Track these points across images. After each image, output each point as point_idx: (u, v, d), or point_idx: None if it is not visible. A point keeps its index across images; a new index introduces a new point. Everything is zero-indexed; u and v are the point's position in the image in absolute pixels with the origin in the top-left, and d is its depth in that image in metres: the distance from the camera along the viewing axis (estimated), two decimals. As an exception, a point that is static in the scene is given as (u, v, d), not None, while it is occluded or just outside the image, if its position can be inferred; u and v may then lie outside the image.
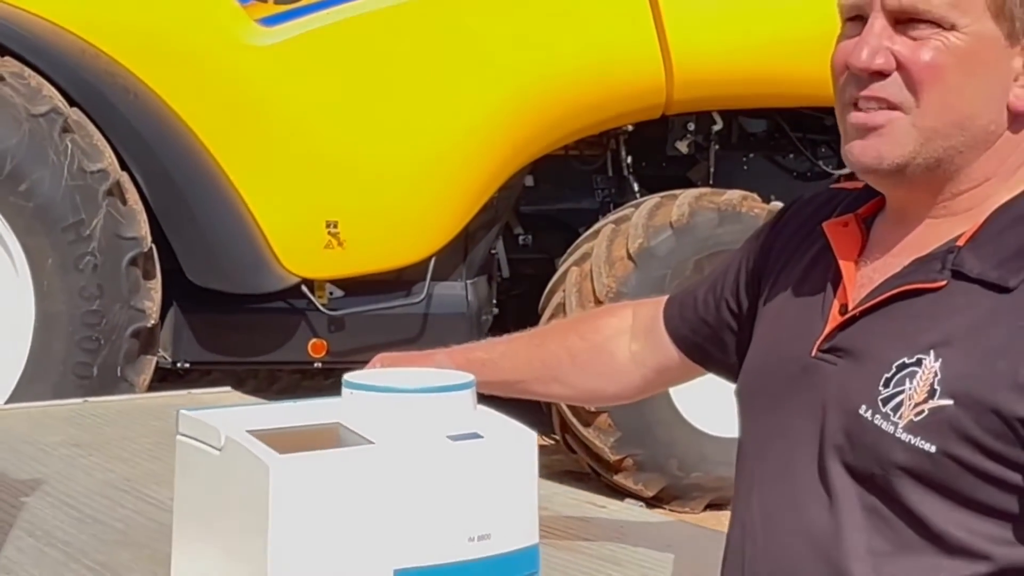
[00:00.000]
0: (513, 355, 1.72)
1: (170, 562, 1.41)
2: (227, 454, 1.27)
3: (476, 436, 1.28)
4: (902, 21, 1.07)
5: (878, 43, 1.07)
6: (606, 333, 1.67)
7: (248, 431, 1.25)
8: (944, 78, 1.08)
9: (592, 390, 1.74)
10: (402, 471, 1.24)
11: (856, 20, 1.11)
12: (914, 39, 1.06)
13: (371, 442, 1.25)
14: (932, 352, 1.06)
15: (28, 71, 4.19)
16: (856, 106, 1.12)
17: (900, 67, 1.08)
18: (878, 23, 1.08)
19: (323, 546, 1.23)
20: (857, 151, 1.12)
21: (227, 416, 1.36)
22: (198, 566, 1.36)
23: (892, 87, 1.08)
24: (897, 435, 1.07)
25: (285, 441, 1.22)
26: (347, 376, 1.35)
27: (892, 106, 1.09)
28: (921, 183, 1.13)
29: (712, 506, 4.79)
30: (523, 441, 1.33)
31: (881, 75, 1.09)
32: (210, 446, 1.30)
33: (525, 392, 1.73)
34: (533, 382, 1.71)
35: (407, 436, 1.26)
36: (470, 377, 1.36)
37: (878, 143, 1.10)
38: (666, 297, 1.63)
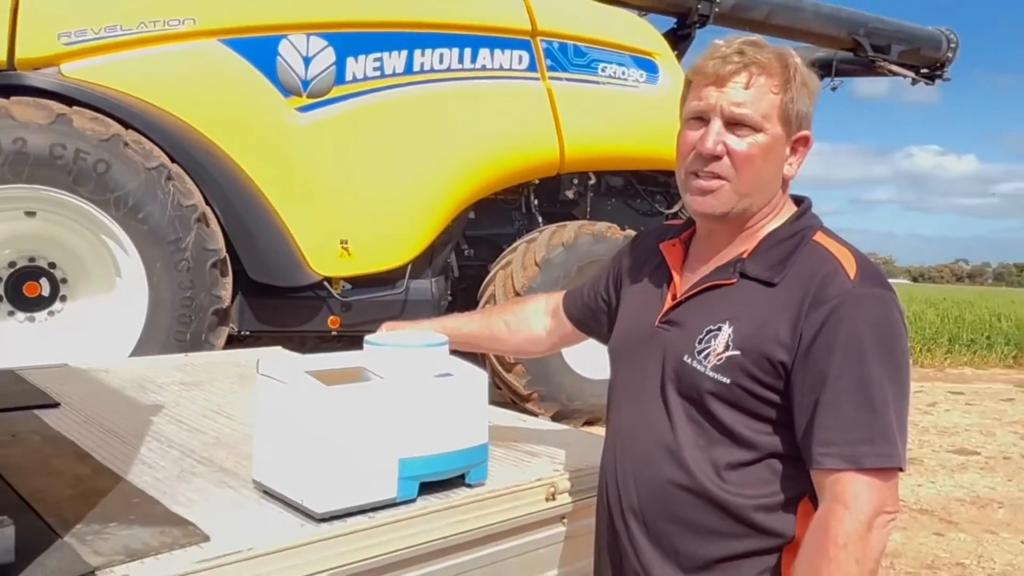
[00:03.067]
0: (469, 325, 1.91)
1: (252, 458, 1.58)
2: (291, 386, 1.43)
3: (449, 375, 1.49)
4: (731, 125, 1.27)
5: (717, 138, 1.27)
6: (527, 313, 1.86)
7: (305, 371, 1.41)
8: (754, 162, 1.28)
9: (517, 347, 1.95)
10: (403, 397, 1.43)
11: (698, 120, 1.31)
12: (738, 136, 1.27)
13: (382, 378, 1.45)
14: (727, 322, 1.29)
15: (144, 139, 4.68)
16: (698, 175, 1.31)
17: (729, 154, 1.28)
18: (717, 124, 1.27)
19: (353, 444, 1.39)
20: (697, 204, 1.33)
21: (291, 361, 1.55)
22: (270, 460, 1.50)
23: (723, 166, 1.28)
24: (707, 373, 1.29)
25: (328, 378, 1.39)
26: (367, 337, 1.56)
27: (721, 178, 1.29)
28: (729, 222, 1.35)
29: (587, 423, 5.70)
30: (478, 378, 1.55)
31: (716, 158, 1.28)
32: (279, 381, 1.45)
33: (476, 348, 1.89)
34: (482, 341, 1.89)
35: (406, 374, 1.46)
36: (444, 338, 1.56)
37: (712, 200, 1.31)
38: (564, 292, 1.84)
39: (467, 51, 5.71)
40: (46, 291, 4.66)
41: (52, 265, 4.66)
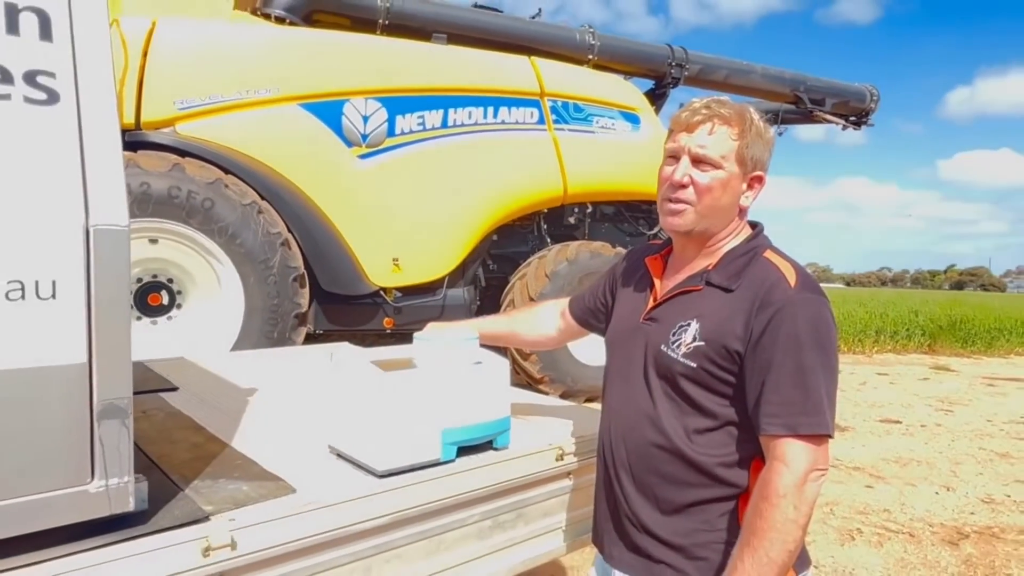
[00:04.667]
0: (494, 324, 1.88)
1: (327, 427, 1.59)
2: (358, 372, 1.46)
3: (479, 363, 1.54)
4: (696, 162, 1.29)
5: (684, 172, 1.29)
6: (540, 315, 1.85)
7: (368, 361, 1.46)
8: (713, 192, 1.29)
9: (532, 342, 1.88)
10: (444, 380, 1.46)
11: (673, 158, 1.33)
12: (702, 171, 1.29)
13: (428, 366, 1.47)
14: (695, 319, 1.29)
15: (240, 182, 4.68)
16: (670, 200, 1.33)
17: (693, 184, 1.29)
18: (685, 161, 1.30)
19: (406, 417, 1.41)
20: (668, 223, 1.35)
21: (357, 353, 1.63)
22: (341, 429, 1.52)
23: (688, 193, 1.30)
24: (678, 359, 1.30)
25: (386, 365, 1.43)
26: (415, 334, 1.57)
27: (687, 203, 1.31)
28: (695, 239, 1.36)
29: (588, 400, 5.65)
30: (502, 365, 1.58)
31: (684, 186, 1.30)
32: (349, 368, 1.49)
33: (500, 342, 1.85)
34: (505, 337, 1.85)
35: (446, 363, 1.48)
36: (475, 334, 1.57)
37: (679, 219, 1.33)
38: (569, 298, 1.80)
39: (490, 109, 5.75)
40: (165, 301, 4.69)
41: (170, 280, 4.70)
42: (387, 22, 5.64)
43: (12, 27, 1.02)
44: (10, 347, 0.98)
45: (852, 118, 8.81)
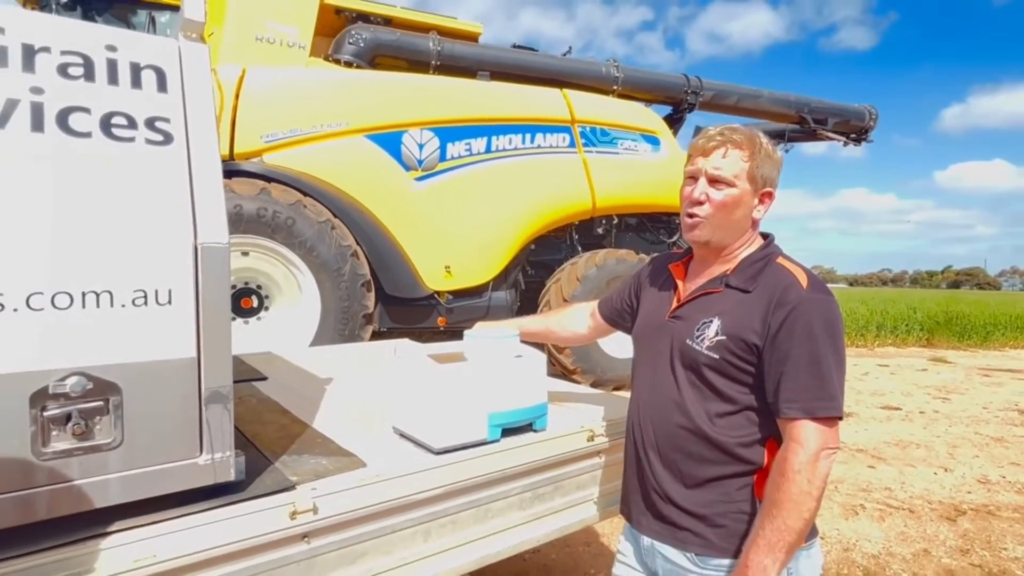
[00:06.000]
0: (533, 323, 1.86)
1: (391, 411, 1.59)
2: (417, 364, 1.47)
3: (520, 356, 1.53)
4: (712, 182, 1.29)
5: (702, 190, 1.29)
6: (573, 315, 1.83)
7: (426, 355, 1.48)
8: (727, 207, 1.29)
9: (566, 339, 1.84)
10: (492, 372, 1.47)
11: (692, 179, 1.33)
12: (717, 189, 1.29)
13: (477, 360, 1.47)
14: (717, 317, 1.28)
15: (316, 203, 4.67)
16: (690, 215, 1.32)
17: (709, 201, 1.29)
18: (703, 181, 1.30)
19: (458, 403, 1.41)
20: (689, 234, 1.34)
21: (416, 348, 1.57)
22: (403, 412, 1.52)
23: (705, 209, 1.30)
24: (702, 351, 1.28)
25: (441, 358, 1.45)
26: (465, 331, 1.55)
27: (704, 217, 1.30)
28: (714, 248, 1.34)
29: (616, 388, 5.57)
30: (540, 358, 1.56)
31: (701, 203, 1.30)
32: (410, 361, 1.49)
33: (538, 339, 1.83)
34: (543, 334, 1.84)
35: (494, 356, 1.48)
36: (516, 332, 1.56)
37: (698, 231, 1.32)
38: (598, 299, 1.78)
39: (527, 135, 5.72)
40: (255, 304, 4.71)
41: (259, 287, 4.69)
42: (438, 63, 5.67)
43: (136, 82, 1.08)
44: (137, 344, 1.03)
45: (853, 135, 8.52)
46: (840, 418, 1.18)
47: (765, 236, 1.39)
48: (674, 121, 7.13)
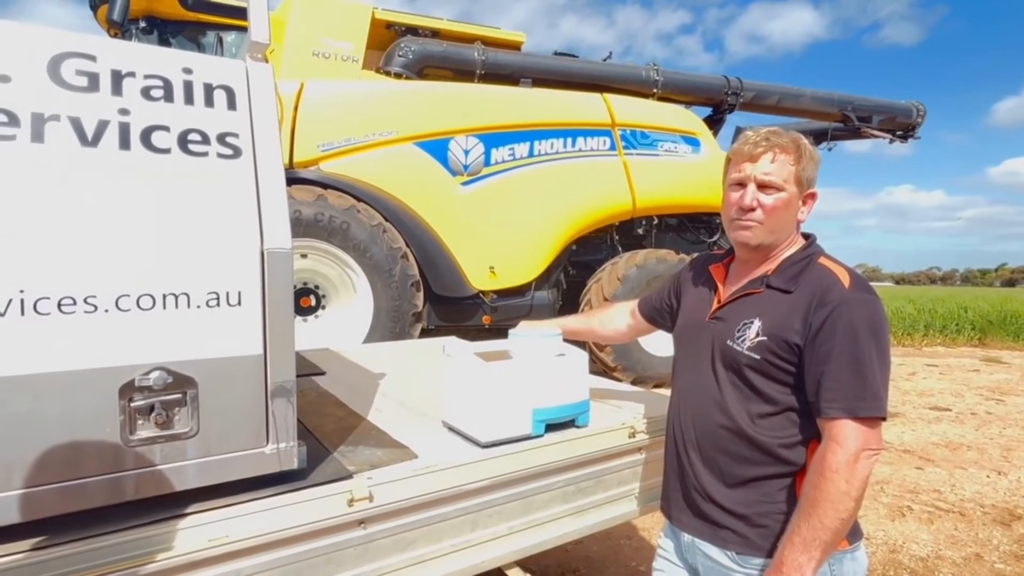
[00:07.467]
0: (575, 322, 1.85)
1: (441, 406, 1.59)
2: (465, 361, 1.47)
3: (563, 354, 1.53)
4: (761, 187, 1.27)
5: (752, 196, 1.27)
6: (613, 314, 1.81)
7: (473, 352, 1.47)
8: (778, 211, 1.27)
9: (607, 337, 1.82)
10: (536, 369, 1.46)
11: (739, 185, 1.30)
12: (767, 194, 1.27)
13: (521, 357, 1.47)
14: (757, 318, 1.26)
15: (369, 208, 4.74)
16: (740, 220, 1.30)
17: (760, 206, 1.27)
18: (752, 187, 1.27)
19: (503, 399, 1.42)
20: (742, 238, 1.31)
21: (463, 346, 1.56)
22: (452, 407, 1.53)
23: (756, 215, 1.28)
24: (744, 352, 1.26)
25: (488, 356, 1.45)
26: (510, 330, 1.56)
27: (756, 221, 1.28)
28: (761, 251, 1.32)
29: (656, 386, 5.57)
30: (582, 356, 1.55)
31: (752, 209, 1.28)
32: (458, 358, 1.50)
33: (580, 337, 1.82)
34: (584, 333, 1.83)
35: (538, 354, 1.48)
36: (559, 330, 1.57)
37: (750, 234, 1.29)
38: (639, 299, 1.76)
39: (569, 139, 5.66)
40: (313, 303, 4.73)
41: (316, 287, 4.71)
42: (483, 72, 5.68)
43: (209, 101, 1.14)
44: (211, 341, 1.08)
45: (899, 133, 8.12)
46: (883, 419, 1.13)
47: (807, 236, 1.35)
48: (714, 122, 6.99)
